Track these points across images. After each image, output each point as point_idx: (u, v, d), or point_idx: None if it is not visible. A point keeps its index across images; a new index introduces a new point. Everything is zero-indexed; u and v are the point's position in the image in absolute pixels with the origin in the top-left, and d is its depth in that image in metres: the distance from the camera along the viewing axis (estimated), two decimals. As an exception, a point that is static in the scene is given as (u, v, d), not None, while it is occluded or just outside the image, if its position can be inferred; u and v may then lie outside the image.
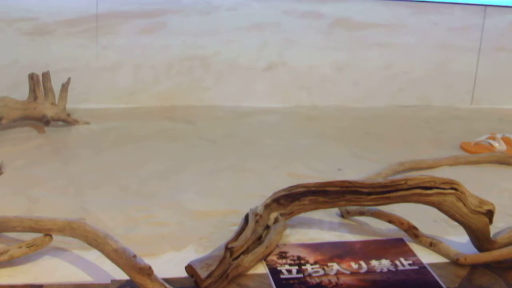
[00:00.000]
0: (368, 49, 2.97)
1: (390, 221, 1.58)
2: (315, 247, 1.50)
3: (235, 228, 1.47)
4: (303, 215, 1.59)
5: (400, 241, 1.55)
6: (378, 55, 2.98)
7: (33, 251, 1.34)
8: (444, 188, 1.42)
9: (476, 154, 2.24)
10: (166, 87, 2.81)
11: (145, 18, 2.73)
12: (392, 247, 1.52)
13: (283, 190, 1.55)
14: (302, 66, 2.92)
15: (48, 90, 2.38)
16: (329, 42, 2.92)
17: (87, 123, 2.48)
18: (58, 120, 2.41)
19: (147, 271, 1.20)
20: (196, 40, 2.79)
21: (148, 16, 2.73)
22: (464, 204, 1.42)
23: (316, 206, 1.53)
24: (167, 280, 1.24)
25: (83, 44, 2.68)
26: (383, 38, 2.97)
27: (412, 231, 1.55)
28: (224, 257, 1.30)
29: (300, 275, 1.37)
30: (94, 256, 1.37)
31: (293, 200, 1.53)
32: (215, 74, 2.84)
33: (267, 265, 1.41)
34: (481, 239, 1.45)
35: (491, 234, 1.46)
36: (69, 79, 2.45)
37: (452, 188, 1.42)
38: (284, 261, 1.43)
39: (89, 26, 2.67)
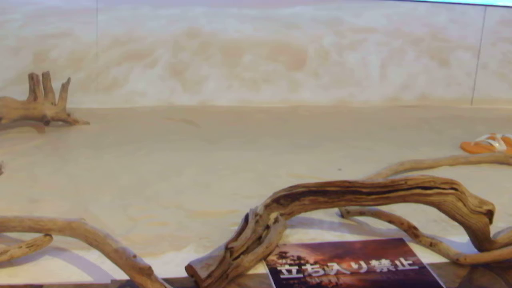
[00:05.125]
0: (368, 49, 2.97)
1: (390, 221, 1.58)
2: (315, 247, 1.50)
3: (235, 228, 1.47)
4: (303, 215, 1.59)
5: (400, 241, 1.55)
6: (378, 55, 2.98)
7: (33, 251, 1.34)
8: (444, 188, 1.42)
9: (476, 154, 2.24)
10: (167, 87, 2.81)
11: (146, 17, 2.73)
12: (392, 247, 1.52)
13: (283, 190, 1.55)
14: (302, 66, 2.92)
15: (48, 90, 2.38)
16: (328, 42, 2.93)
17: (87, 123, 2.48)
18: (58, 120, 2.42)
19: (147, 271, 1.20)
20: (197, 39, 2.80)
21: (148, 15, 2.73)
22: (464, 204, 1.42)
23: (316, 206, 1.53)
24: (167, 280, 1.24)
25: (83, 43, 2.68)
26: (383, 38, 2.97)
27: (412, 231, 1.55)
28: (224, 257, 1.30)
29: (300, 275, 1.37)
30: (94, 256, 1.37)
31: (293, 200, 1.53)
32: (215, 74, 2.85)
33: (267, 265, 1.40)
34: (481, 239, 1.45)
35: (491, 234, 1.46)
36: (69, 79, 2.45)
37: (452, 188, 1.42)
38: (284, 261, 1.43)
39: (89, 25, 2.67)
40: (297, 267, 1.40)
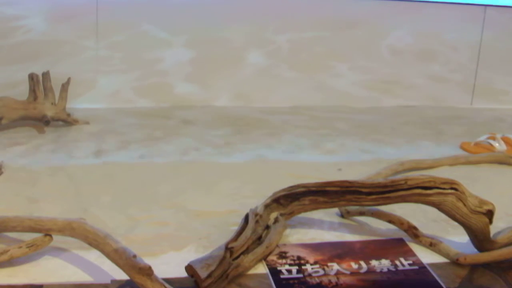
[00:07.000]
0: (368, 49, 2.97)
1: (390, 221, 1.58)
2: (315, 247, 1.50)
3: (235, 228, 1.47)
4: (303, 215, 1.59)
5: (400, 241, 1.55)
6: (378, 55, 2.98)
7: (33, 251, 1.34)
8: (444, 188, 1.42)
9: (476, 154, 2.24)
10: (166, 87, 2.81)
11: (145, 17, 2.73)
12: (392, 247, 1.52)
13: (283, 190, 1.55)
14: (303, 66, 2.92)
15: (48, 90, 2.38)
16: (329, 42, 2.93)
17: (87, 123, 2.48)
18: (58, 120, 2.41)
19: (147, 271, 1.20)
20: (196, 40, 2.80)
21: (148, 15, 2.73)
22: (464, 204, 1.42)
23: (316, 206, 1.53)
24: (167, 280, 1.24)
25: (82, 44, 2.68)
26: (383, 37, 2.97)
27: (412, 231, 1.55)
28: (224, 257, 1.30)
29: (300, 275, 1.37)
30: (94, 256, 1.37)
31: (293, 200, 1.53)
32: (215, 74, 2.84)
33: (267, 265, 1.40)
34: (481, 239, 1.45)
35: (491, 234, 1.46)
36: (69, 79, 2.44)
37: (452, 188, 1.42)
38: (284, 261, 1.43)
39: (89, 25, 2.67)
40: (297, 267, 1.40)
